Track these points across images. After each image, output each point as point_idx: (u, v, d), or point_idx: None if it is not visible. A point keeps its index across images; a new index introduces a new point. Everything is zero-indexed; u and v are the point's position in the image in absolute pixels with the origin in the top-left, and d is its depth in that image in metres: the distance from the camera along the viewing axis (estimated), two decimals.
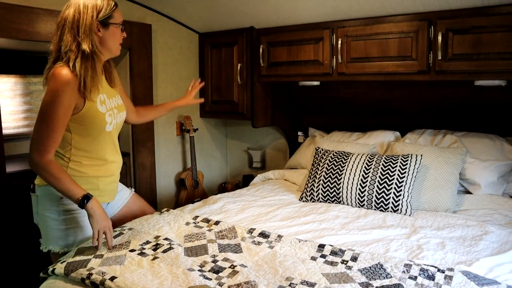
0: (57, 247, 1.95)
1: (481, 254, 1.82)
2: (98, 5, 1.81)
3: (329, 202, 2.59)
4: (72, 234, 1.95)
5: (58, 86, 1.73)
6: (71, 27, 1.77)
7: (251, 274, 1.62)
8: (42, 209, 1.93)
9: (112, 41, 1.89)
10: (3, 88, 3.15)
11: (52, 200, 1.90)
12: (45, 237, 1.97)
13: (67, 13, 1.80)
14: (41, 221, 1.96)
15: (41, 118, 1.77)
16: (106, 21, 1.84)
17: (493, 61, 2.32)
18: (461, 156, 2.55)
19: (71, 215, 1.93)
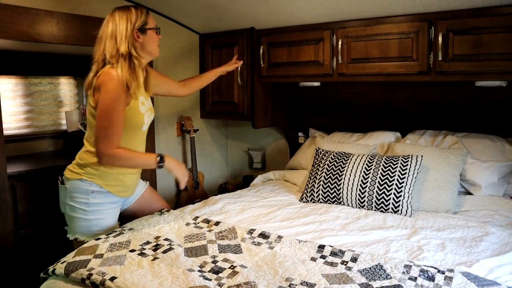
0: (83, 236, 2.15)
1: (481, 255, 1.81)
2: (133, 15, 2.05)
3: (330, 202, 2.59)
4: (97, 224, 2.16)
5: (114, 85, 1.96)
6: (110, 38, 2.02)
7: (251, 274, 1.62)
8: (71, 200, 2.13)
9: (151, 44, 2.12)
10: (4, 89, 3.16)
11: (84, 193, 2.11)
12: (73, 226, 2.18)
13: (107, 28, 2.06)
14: (69, 211, 2.15)
15: (104, 116, 1.97)
16: (143, 28, 2.07)
17: (493, 61, 2.31)
18: (462, 157, 2.55)
19: (100, 207, 2.15)
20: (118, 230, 2.11)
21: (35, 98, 3.39)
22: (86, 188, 2.11)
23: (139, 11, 2.08)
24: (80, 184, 2.11)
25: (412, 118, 3.09)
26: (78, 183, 2.11)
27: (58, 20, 2.69)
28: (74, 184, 2.12)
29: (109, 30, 2.03)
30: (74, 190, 2.12)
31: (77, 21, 2.79)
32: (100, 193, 2.13)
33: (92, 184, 2.11)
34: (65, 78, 3.57)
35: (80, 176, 2.11)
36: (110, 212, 2.20)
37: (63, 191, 2.16)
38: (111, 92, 1.95)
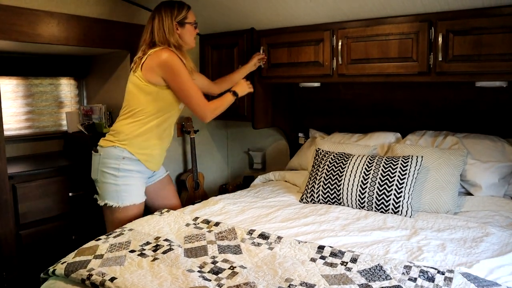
0: (112, 201, 2.36)
1: (481, 256, 1.81)
2: (175, 11, 2.39)
3: (330, 203, 2.59)
4: (125, 190, 2.37)
5: (176, 60, 2.31)
6: (158, 28, 2.36)
7: (250, 275, 1.62)
8: (103, 166, 2.36)
9: (188, 36, 2.46)
10: (5, 90, 3.16)
11: (115, 159, 2.34)
12: (103, 192, 2.39)
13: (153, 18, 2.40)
14: (101, 177, 2.37)
15: (184, 87, 2.34)
16: (182, 21, 2.41)
17: (494, 62, 2.31)
18: (462, 158, 2.54)
19: (129, 173, 2.37)
20: (118, 231, 2.11)
21: (35, 99, 3.39)
22: (118, 154, 2.34)
23: (180, 8, 2.41)
24: (113, 151, 2.34)
25: (412, 118, 3.09)
26: (111, 149, 2.35)
27: (58, 21, 2.69)
28: (107, 150, 2.36)
29: (157, 21, 2.37)
30: (107, 156, 2.35)
31: (77, 22, 2.79)
32: (130, 160, 2.36)
33: (124, 151, 2.34)
34: (66, 79, 3.58)
35: (113, 144, 2.35)
36: (138, 181, 2.42)
37: (97, 158, 2.39)
38: (177, 67, 2.30)
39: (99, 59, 3.51)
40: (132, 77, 2.39)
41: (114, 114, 3.37)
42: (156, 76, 2.31)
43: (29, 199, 2.66)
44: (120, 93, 3.30)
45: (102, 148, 2.38)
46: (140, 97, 2.34)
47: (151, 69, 2.29)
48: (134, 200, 2.40)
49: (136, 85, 2.35)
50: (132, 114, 2.36)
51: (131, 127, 2.35)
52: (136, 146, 2.36)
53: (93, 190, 2.77)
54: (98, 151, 2.40)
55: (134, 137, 2.35)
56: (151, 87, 2.32)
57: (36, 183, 2.70)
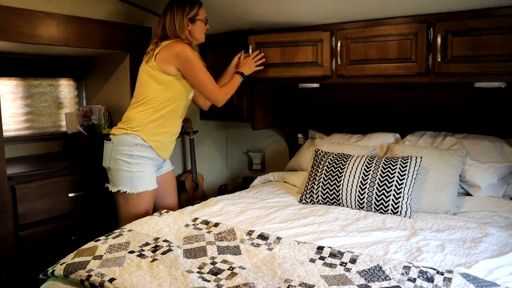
0: (125, 187, 2.43)
1: (480, 256, 1.81)
2: (187, 7, 2.50)
3: (329, 204, 2.59)
4: (139, 177, 2.44)
5: (190, 51, 2.45)
6: (170, 23, 2.48)
7: (249, 276, 1.62)
8: (117, 154, 2.43)
9: (198, 32, 2.59)
10: (4, 91, 3.16)
11: (128, 145, 2.42)
12: (116, 178, 2.46)
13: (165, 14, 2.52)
14: (114, 164, 2.44)
15: (199, 76, 2.48)
16: (193, 18, 2.52)
17: (492, 63, 2.31)
18: (461, 158, 2.55)
19: (141, 160, 2.45)
20: (117, 232, 2.11)
21: (35, 100, 3.39)
22: (131, 141, 2.42)
23: (192, 4, 2.51)
24: (125, 138, 2.42)
25: (411, 119, 3.09)
26: (124, 136, 2.43)
27: (58, 22, 2.70)
28: (120, 138, 2.43)
29: (168, 16, 2.48)
30: (120, 143, 2.43)
31: (76, 23, 2.80)
32: (143, 147, 2.44)
33: (137, 138, 2.42)
34: (65, 79, 3.58)
35: (125, 131, 2.43)
36: (150, 168, 2.50)
37: (109, 146, 2.46)
38: (191, 56, 2.43)
39: (98, 60, 3.51)
40: (145, 67, 2.49)
41: (114, 115, 3.37)
42: (170, 66, 2.43)
43: (28, 200, 2.66)
44: (119, 94, 3.32)
45: (115, 136, 2.46)
46: (152, 86, 2.45)
47: (166, 59, 2.41)
48: (147, 186, 2.48)
49: (149, 74, 2.45)
50: (143, 102, 2.46)
51: (143, 114, 2.44)
52: (148, 133, 2.45)
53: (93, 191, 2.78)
54: (111, 139, 2.47)
55: (146, 124, 2.44)
56: (165, 76, 2.44)
57: (36, 184, 2.71)
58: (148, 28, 3.23)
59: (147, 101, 2.46)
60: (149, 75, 2.45)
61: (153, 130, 2.47)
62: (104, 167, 2.53)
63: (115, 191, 2.47)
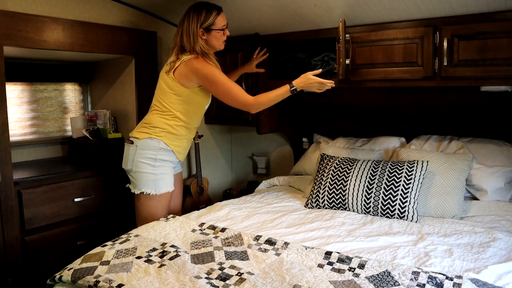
0: (149, 189, 2.51)
1: (489, 261, 1.80)
2: (202, 17, 2.45)
3: (335, 208, 2.59)
4: (161, 179, 2.53)
5: (208, 68, 2.45)
6: (186, 33, 2.47)
7: (258, 281, 1.62)
8: (140, 157, 2.50)
9: (215, 42, 2.54)
10: (10, 96, 3.17)
11: (152, 149, 2.50)
12: (139, 181, 2.53)
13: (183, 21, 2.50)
14: (137, 167, 2.51)
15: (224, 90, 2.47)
16: (208, 28, 2.48)
17: (499, 66, 2.31)
18: (467, 162, 2.54)
19: (164, 163, 2.54)
20: (124, 237, 2.11)
21: (40, 105, 3.40)
22: (155, 145, 2.50)
23: (208, 13, 2.46)
24: (150, 142, 2.50)
25: (417, 123, 3.08)
26: (148, 141, 2.50)
27: (63, 27, 2.70)
28: (144, 142, 2.50)
29: (185, 25, 2.48)
30: (144, 147, 2.50)
31: (82, 28, 2.80)
32: (165, 151, 2.52)
33: (161, 142, 2.51)
34: (70, 84, 3.59)
35: (149, 135, 2.50)
36: (171, 171, 2.60)
37: (133, 150, 2.52)
38: (212, 73, 2.44)
39: (103, 64, 3.52)
40: (165, 76, 2.53)
41: (119, 120, 3.38)
42: (190, 82, 2.48)
43: (34, 204, 2.66)
44: (125, 98, 3.33)
45: (138, 140, 2.52)
46: (172, 97, 2.51)
47: (186, 76, 2.46)
48: (168, 188, 2.57)
49: (169, 86, 2.50)
50: (165, 110, 2.53)
51: (165, 121, 2.52)
52: (170, 138, 2.54)
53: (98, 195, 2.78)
54: (134, 143, 2.52)
55: (168, 131, 2.53)
56: (183, 89, 2.49)
57: (41, 189, 2.71)
58: (153, 33, 3.24)
59: (168, 109, 2.53)
60: (169, 86, 2.50)
61: (174, 136, 2.56)
62: (124, 168, 2.59)
63: (138, 193, 2.54)
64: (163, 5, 3.08)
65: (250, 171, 4.10)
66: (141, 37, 3.15)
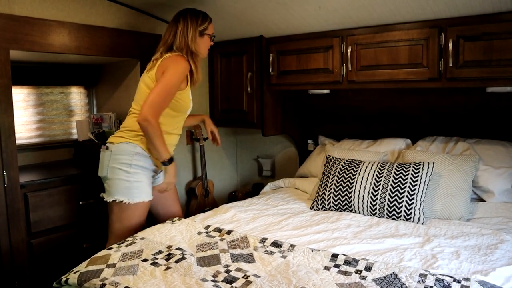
0: (122, 197, 2.34)
1: (497, 263, 1.79)
2: (199, 20, 2.47)
3: (341, 210, 2.58)
4: (136, 187, 2.36)
5: (182, 69, 2.35)
6: (181, 34, 2.42)
7: (264, 284, 1.61)
8: (115, 163, 2.35)
9: (204, 47, 2.53)
10: (16, 99, 3.19)
11: (127, 154, 2.34)
12: (112, 188, 2.36)
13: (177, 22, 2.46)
14: (111, 173, 2.36)
15: (164, 88, 2.28)
16: (203, 32, 2.49)
17: (505, 67, 2.30)
18: (474, 164, 2.52)
19: (140, 170, 2.37)
20: (130, 240, 2.11)
21: (46, 108, 3.42)
22: (130, 149, 2.35)
23: (204, 18, 2.49)
24: (125, 146, 2.35)
25: (423, 124, 3.07)
26: (123, 145, 2.36)
27: (69, 31, 2.72)
28: (119, 146, 2.36)
29: (181, 26, 2.43)
30: (119, 152, 2.35)
31: (88, 31, 2.81)
32: (142, 156, 2.37)
33: (136, 147, 2.35)
34: (76, 87, 3.60)
35: (125, 140, 2.37)
36: (147, 179, 2.43)
37: (107, 155, 2.38)
38: (178, 72, 2.33)
39: (109, 67, 3.53)
40: (144, 77, 2.44)
41: None
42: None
43: (40, 207, 2.67)
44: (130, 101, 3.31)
45: (113, 145, 2.38)
46: None
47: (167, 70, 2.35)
48: (144, 197, 2.40)
49: (148, 86, 2.38)
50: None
51: None
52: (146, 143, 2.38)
53: None
54: (108, 148, 2.40)
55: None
56: None
57: (47, 192, 2.72)
58: (158, 36, 3.24)
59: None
60: (148, 86, 2.38)
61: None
62: (100, 176, 2.44)
63: (111, 200, 2.37)
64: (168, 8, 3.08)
65: (255, 173, 4.09)
66: (146, 40, 3.16)
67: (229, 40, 3.46)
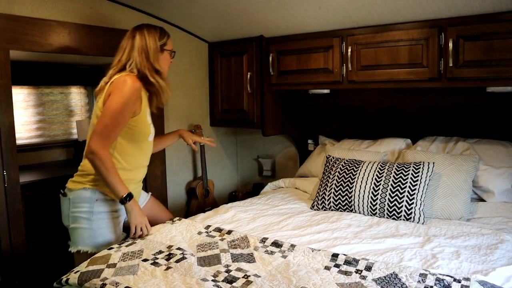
0: (86, 247, 2.12)
1: (497, 263, 1.79)
2: (158, 34, 2.19)
3: (341, 210, 2.58)
4: (102, 234, 2.13)
5: (130, 91, 2.02)
6: (141, 51, 2.12)
7: (264, 284, 1.61)
8: (75, 211, 2.11)
9: (164, 64, 2.23)
10: (17, 99, 3.19)
11: (87, 201, 2.10)
12: (76, 237, 2.13)
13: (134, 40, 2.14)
14: (73, 222, 2.12)
15: (110, 115, 1.99)
16: (162, 47, 2.20)
17: (505, 67, 2.30)
18: (474, 163, 2.52)
19: (104, 215, 2.14)
20: (131, 240, 2.11)
21: (46, 108, 3.42)
22: (90, 196, 2.10)
23: (163, 32, 2.23)
24: (83, 193, 2.10)
25: (423, 124, 3.07)
26: (81, 192, 2.10)
27: (69, 31, 2.72)
28: (77, 193, 2.11)
29: (138, 42, 2.13)
30: (78, 199, 2.11)
31: (88, 32, 2.82)
32: (104, 201, 2.12)
33: (96, 192, 2.11)
34: (76, 87, 3.61)
35: (83, 185, 2.10)
36: (115, 222, 2.18)
37: (66, 203, 2.13)
38: (124, 95, 2.01)
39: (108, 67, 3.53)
40: (95, 108, 2.13)
41: None
42: None
43: (40, 207, 2.68)
44: None
45: (71, 192, 2.12)
46: None
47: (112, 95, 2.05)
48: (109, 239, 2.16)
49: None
50: None
51: None
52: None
53: None
54: (67, 195, 2.13)
55: None
56: None
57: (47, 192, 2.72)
58: None
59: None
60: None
61: None
62: (64, 225, 2.19)
63: (75, 251, 2.14)
64: (169, 9, 3.09)
65: (256, 173, 4.10)
66: None
67: (229, 40, 3.46)
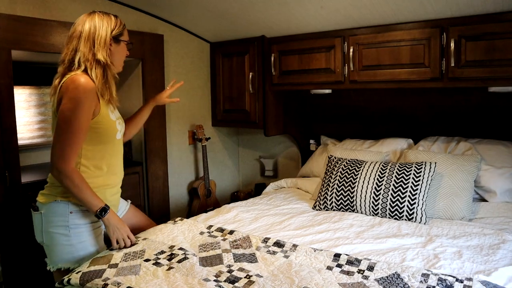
0: (67, 264, 1.94)
1: (499, 263, 1.79)
2: (112, 22, 1.94)
3: (343, 210, 2.58)
4: (82, 248, 1.95)
5: (80, 93, 1.79)
6: (87, 40, 1.86)
7: (267, 284, 1.61)
8: (49, 226, 1.91)
9: (119, 57, 2.00)
10: (18, 99, 3.19)
11: (61, 215, 1.91)
12: (53, 255, 1.94)
13: (82, 27, 1.89)
14: (48, 239, 1.93)
15: (64, 126, 1.80)
16: (118, 38, 1.96)
17: (507, 67, 2.30)
18: (476, 163, 2.52)
19: (82, 227, 1.95)
20: None
21: (48, 108, 3.42)
22: (62, 209, 1.90)
23: (119, 20, 1.98)
24: (55, 207, 1.90)
25: (424, 124, 3.07)
26: (53, 205, 1.90)
27: None
28: (49, 207, 1.91)
29: (86, 30, 1.87)
30: (51, 214, 1.91)
31: None
32: (79, 213, 1.92)
33: (69, 204, 1.90)
34: None
35: (55, 198, 1.90)
36: (94, 233, 1.99)
37: (38, 218, 1.93)
38: (77, 100, 1.78)
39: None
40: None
41: None
42: None
43: None
44: (131, 101, 3.34)
45: (43, 205, 1.92)
46: None
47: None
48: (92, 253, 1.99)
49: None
50: None
51: None
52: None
53: None
54: (38, 209, 1.94)
55: None
56: None
57: None
58: (160, 36, 3.25)
59: None
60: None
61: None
62: (38, 242, 1.99)
63: (55, 269, 1.95)
64: (170, 9, 3.09)
65: (258, 173, 4.10)
66: (148, 40, 3.17)
67: (231, 40, 3.46)
